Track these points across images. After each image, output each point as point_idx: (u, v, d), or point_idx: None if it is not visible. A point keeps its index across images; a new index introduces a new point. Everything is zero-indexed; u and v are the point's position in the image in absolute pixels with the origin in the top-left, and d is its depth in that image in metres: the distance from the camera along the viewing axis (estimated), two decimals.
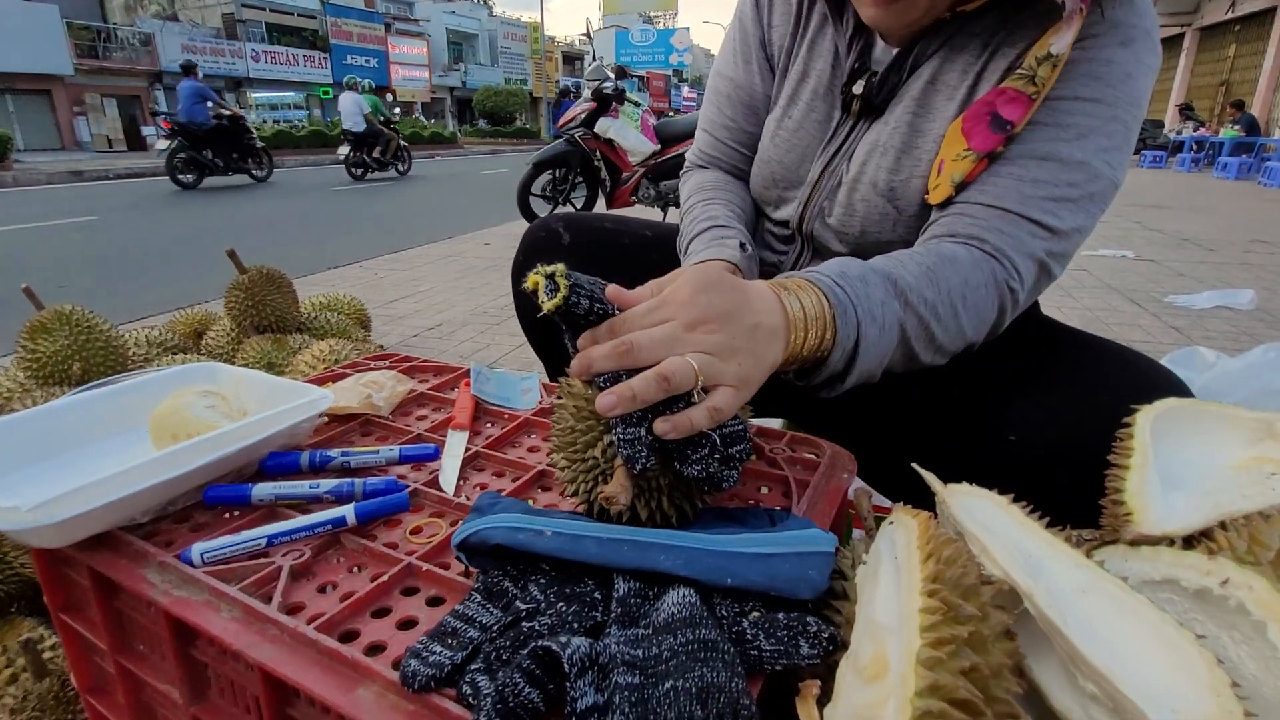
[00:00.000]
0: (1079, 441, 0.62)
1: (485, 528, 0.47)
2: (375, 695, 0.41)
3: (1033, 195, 0.65)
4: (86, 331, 1.61)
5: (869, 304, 0.59)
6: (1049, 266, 0.67)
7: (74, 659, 0.66)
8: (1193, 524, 0.44)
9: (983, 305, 0.65)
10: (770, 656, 0.40)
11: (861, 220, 0.78)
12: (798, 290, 0.58)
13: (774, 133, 0.87)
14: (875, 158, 0.77)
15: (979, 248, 0.66)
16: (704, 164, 0.98)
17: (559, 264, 0.52)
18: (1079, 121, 0.66)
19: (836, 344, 0.58)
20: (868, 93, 0.78)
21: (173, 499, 0.60)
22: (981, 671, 0.36)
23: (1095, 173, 0.66)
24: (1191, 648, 0.35)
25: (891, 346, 0.62)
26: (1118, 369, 0.67)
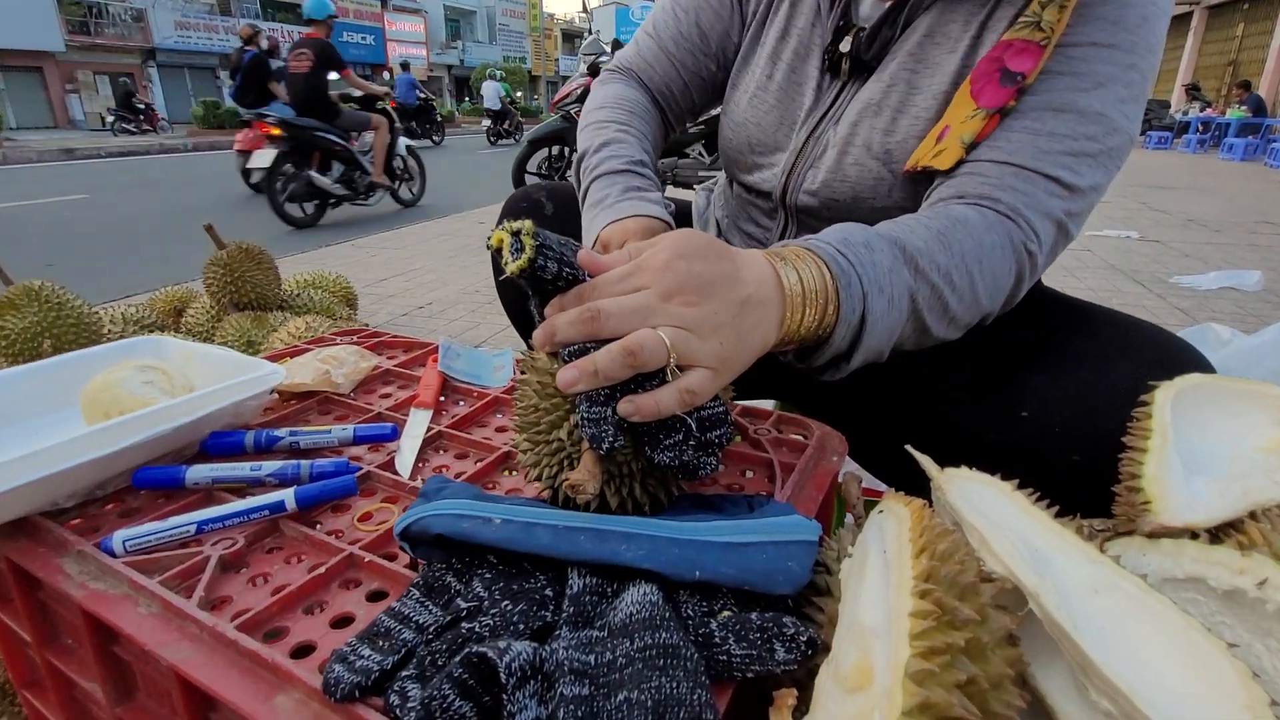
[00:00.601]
0: (1097, 419, 0.57)
1: (427, 515, 0.42)
2: (296, 704, 0.37)
3: (1049, 150, 0.60)
4: (57, 308, 1.56)
5: (875, 272, 0.52)
6: (1067, 227, 0.62)
7: (7, 651, 0.62)
8: (1220, 514, 0.39)
9: (999, 271, 0.59)
10: (741, 662, 0.36)
11: (854, 186, 0.72)
12: (795, 260, 0.51)
13: (753, 94, 0.80)
14: (868, 118, 0.71)
15: (992, 208, 0.60)
16: (633, 75, 0.89)
17: (526, 221, 0.46)
18: (1096, 69, 0.60)
19: (840, 320, 0.51)
20: (856, 50, 0.71)
21: (101, 482, 0.55)
22: (979, 684, 0.31)
23: (1114, 125, 0.60)
24: (1222, 658, 0.30)
25: (902, 320, 0.55)
26: (1139, 341, 0.62)
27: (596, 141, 0.80)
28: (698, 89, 0.88)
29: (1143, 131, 12.45)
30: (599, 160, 0.78)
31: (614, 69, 0.91)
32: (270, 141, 4.76)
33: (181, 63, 23.92)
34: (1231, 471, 0.42)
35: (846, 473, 0.55)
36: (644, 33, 0.89)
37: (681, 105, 0.90)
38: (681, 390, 0.43)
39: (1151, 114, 12.61)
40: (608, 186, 0.75)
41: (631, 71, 0.89)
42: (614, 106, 0.84)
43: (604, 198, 0.74)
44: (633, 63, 0.89)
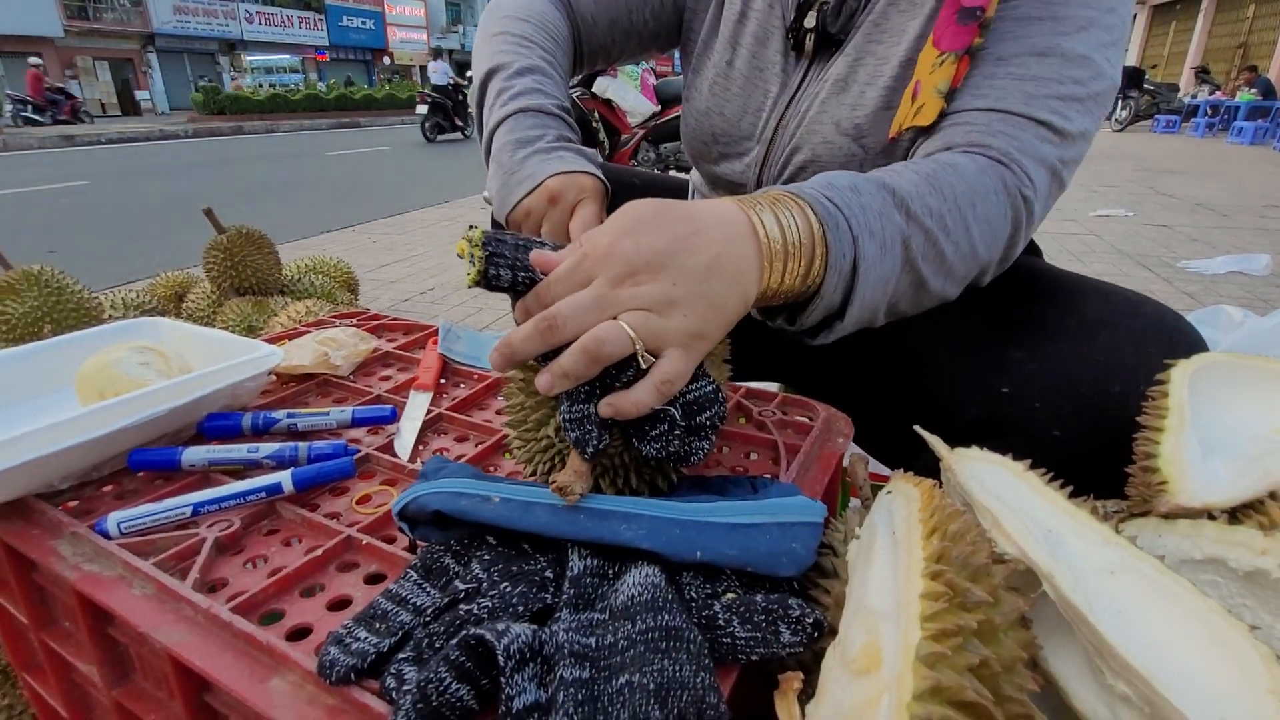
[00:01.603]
0: (1078, 392, 0.56)
1: (425, 493, 0.42)
2: (291, 686, 0.36)
3: (1037, 94, 0.57)
4: (57, 293, 1.55)
5: (865, 215, 0.48)
6: (1061, 175, 0.59)
7: (6, 634, 0.61)
8: (1239, 494, 0.38)
9: (995, 216, 0.56)
10: (745, 645, 0.35)
11: (825, 165, 0.69)
12: (774, 206, 0.47)
13: (713, 82, 0.77)
14: (836, 95, 0.68)
15: (982, 154, 0.56)
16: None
17: (477, 229, 0.44)
18: (1077, 13, 0.57)
19: (829, 267, 0.47)
20: (821, 24, 0.68)
21: (97, 463, 0.54)
22: (991, 667, 0.30)
23: (1099, 70, 0.58)
24: (1244, 641, 0.29)
25: (896, 270, 0.51)
26: (1122, 313, 0.60)
27: (522, 61, 0.70)
28: (623, 32, 0.82)
29: (1151, 115, 12.30)
30: (529, 85, 0.68)
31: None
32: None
33: (181, 48, 23.77)
34: (1251, 451, 0.41)
35: (853, 454, 0.55)
36: None
37: (600, 41, 0.82)
38: (656, 383, 0.40)
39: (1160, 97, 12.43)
40: (542, 127, 0.66)
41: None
42: (538, 25, 0.75)
43: (536, 138, 0.65)
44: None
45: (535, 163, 0.62)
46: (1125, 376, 0.54)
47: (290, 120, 15.92)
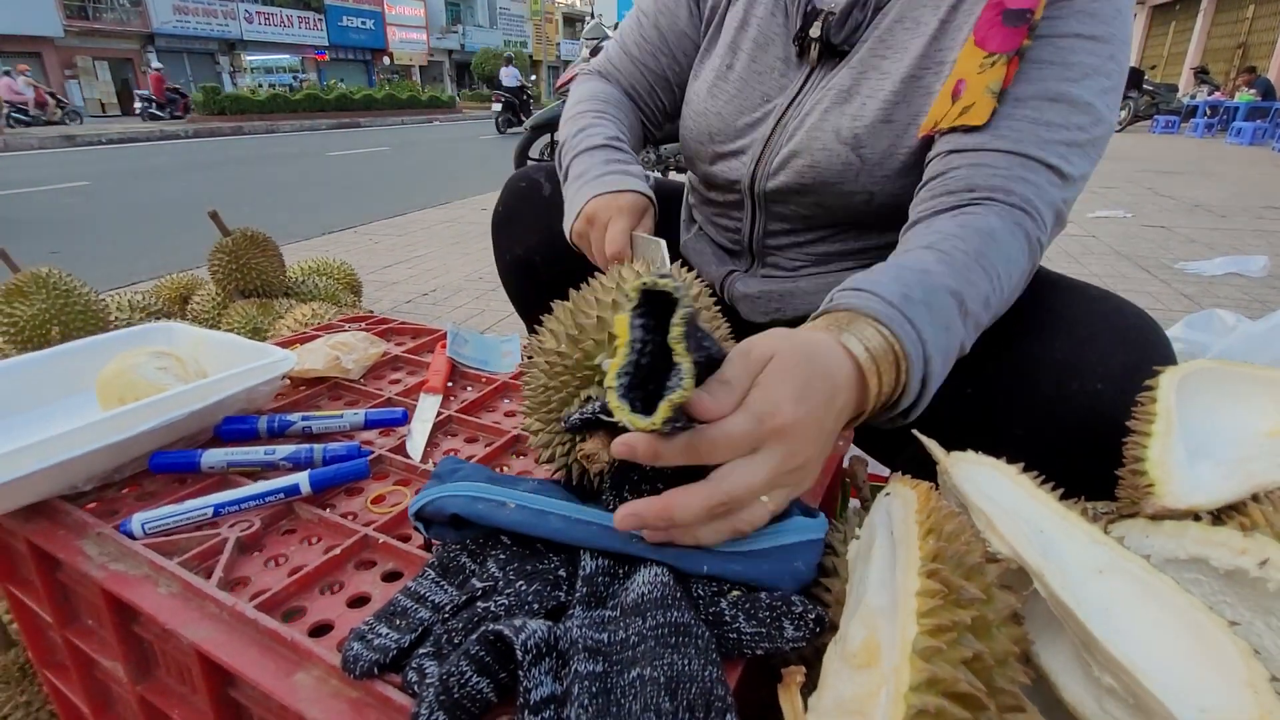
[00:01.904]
0: (1037, 391, 0.59)
1: (442, 496, 0.43)
2: (315, 680, 0.37)
3: (1050, 139, 0.60)
4: (65, 295, 1.56)
5: (936, 335, 0.50)
6: (1063, 215, 0.63)
7: (27, 633, 0.63)
8: (1223, 496, 0.39)
9: (1020, 274, 0.60)
10: (751, 640, 0.37)
11: (822, 172, 0.72)
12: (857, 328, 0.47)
13: (712, 84, 0.81)
14: (837, 105, 0.71)
15: (1006, 201, 0.60)
16: (606, 75, 0.93)
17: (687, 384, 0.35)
18: (1082, 60, 0.61)
19: (907, 388, 0.48)
20: (826, 34, 0.72)
21: (119, 466, 0.56)
22: (984, 661, 0.32)
23: (1099, 116, 0.61)
24: (1224, 636, 0.31)
25: (949, 365, 0.53)
26: (1083, 314, 0.62)
27: (575, 127, 0.82)
28: (663, 89, 0.90)
29: (1150, 116, 12.32)
30: (578, 140, 0.80)
31: (593, 70, 0.95)
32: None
33: (180, 48, 23.77)
34: (1236, 455, 0.42)
35: (853, 457, 0.56)
36: (614, 39, 0.94)
37: (652, 104, 0.92)
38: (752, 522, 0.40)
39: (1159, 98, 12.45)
40: (587, 162, 0.76)
41: (604, 73, 0.93)
42: (590, 99, 0.87)
43: (584, 171, 0.75)
44: (603, 66, 0.93)
45: (579, 193, 0.73)
46: (1083, 374, 0.57)
47: (290, 120, 15.93)
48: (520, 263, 0.96)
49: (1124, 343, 0.58)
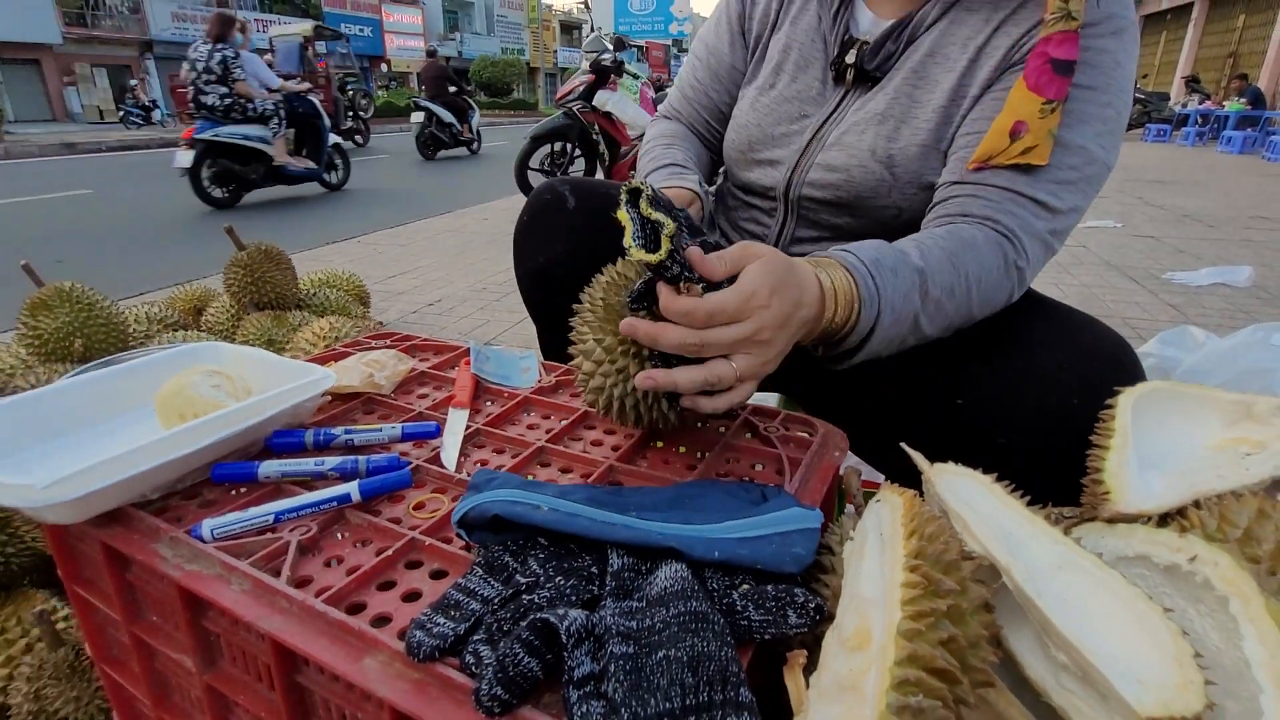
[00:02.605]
0: (1022, 404, 0.66)
1: (485, 501, 0.49)
2: (382, 664, 0.43)
3: (1039, 178, 0.68)
4: (88, 309, 1.62)
5: (893, 296, 0.63)
6: (1051, 244, 0.71)
7: (89, 630, 0.68)
8: (1167, 503, 0.45)
9: (994, 289, 0.69)
10: (759, 626, 0.42)
11: (858, 187, 0.81)
12: (830, 270, 0.62)
13: (754, 99, 0.90)
14: (874, 126, 0.79)
15: (993, 228, 0.69)
16: (670, 117, 1.06)
17: (670, 221, 0.53)
18: (1077, 108, 0.68)
19: (855, 329, 0.63)
20: (860, 62, 0.80)
21: (182, 476, 0.61)
22: (959, 642, 0.38)
23: (1092, 156, 0.69)
24: (1159, 620, 0.37)
25: (903, 333, 0.66)
26: (1064, 332, 0.70)
27: (644, 163, 0.97)
28: (721, 121, 1.01)
29: (1142, 124, 12.47)
30: (645, 167, 0.95)
31: (659, 114, 1.09)
32: None
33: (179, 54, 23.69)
34: (1182, 467, 0.48)
35: (848, 466, 0.62)
36: (676, 86, 1.07)
37: (713, 136, 1.03)
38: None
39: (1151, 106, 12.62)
40: (652, 179, 0.89)
41: (670, 113, 1.06)
42: (658, 138, 1.01)
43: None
44: (666, 109, 1.07)
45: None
46: (1061, 391, 0.64)
47: None
48: (541, 272, 1.01)
49: (1102, 363, 0.65)
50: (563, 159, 5.31)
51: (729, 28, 0.96)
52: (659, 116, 1.08)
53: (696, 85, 1.00)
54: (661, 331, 0.55)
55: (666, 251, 0.52)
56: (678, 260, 0.53)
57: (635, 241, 0.53)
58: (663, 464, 0.66)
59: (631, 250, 0.53)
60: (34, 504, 0.52)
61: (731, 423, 0.73)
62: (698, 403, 0.57)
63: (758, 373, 0.57)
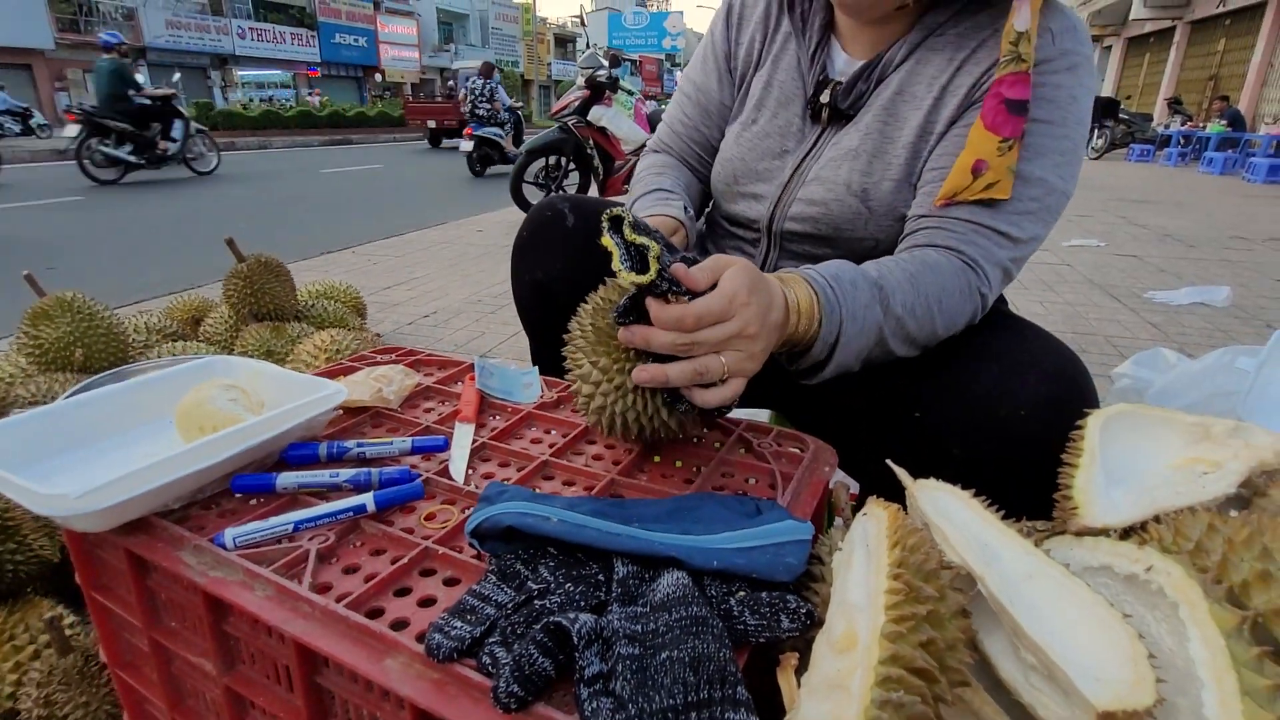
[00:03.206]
0: (972, 415, 0.70)
1: (497, 513, 0.52)
2: (402, 665, 0.46)
3: (1001, 210, 0.73)
4: (89, 319, 1.64)
5: (853, 306, 0.68)
6: (1011, 271, 0.76)
7: (105, 635, 0.70)
8: (1130, 517, 0.49)
9: (957, 310, 0.73)
10: (755, 630, 0.46)
11: (835, 219, 0.86)
12: (794, 284, 0.67)
13: (738, 134, 0.95)
14: (849, 161, 0.84)
15: (957, 256, 0.74)
16: (660, 150, 1.09)
17: (654, 243, 0.58)
18: (1036, 141, 0.73)
19: (819, 338, 0.67)
20: (834, 100, 0.85)
21: (203, 486, 0.64)
22: (938, 644, 0.41)
23: (1051, 187, 0.74)
24: (1118, 625, 0.40)
25: (869, 345, 0.70)
26: (1015, 346, 0.73)
27: (635, 192, 1.00)
28: (710, 153, 1.04)
29: (1126, 144, 12.71)
30: (635, 196, 0.97)
31: (649, 148, 1.12)
32: None
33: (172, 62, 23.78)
34: (1145, 484, 0.52)
35: (837, 482, 0.66)
36: (664, 121, 1.10)
37: (702, 168, 1.07)
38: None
39: (1135, 127, 12.87)
40: (638, 205, 0.93)
41: (662, 145, 1.09)
42: (649, 169, 1.04)
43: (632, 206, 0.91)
44: (656, 144, 1.10)
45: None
46: (1009, 402, 0.68)
47: (282, 136, 16.00)
48: (538, 286, 1.04)
49: (1048, 377, 0.69)
50: (558, 173, 5.36)
51: (716, 65, 1.00)
52: (649, 150, 1.11)
53: (686, 121, 1.04)
54: (655, 334, 0.60)
55: (655, 271, 0.57)
56: (665, 278, 0.58)
57: (624, 265, 0.58)
58: (662, 478, 0.69)
59: (621, 274, 0.58)
60: (66, 512, 0.55)
61: (727, 438, 0.76)
62: (693, 394, 0.61)
63: (745, 368, 0.61)
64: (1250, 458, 0.52)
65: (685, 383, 0.60)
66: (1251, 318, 2.96)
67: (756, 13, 0.96)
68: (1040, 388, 0.67)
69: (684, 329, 0.59)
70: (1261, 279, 3.66)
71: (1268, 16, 12.44)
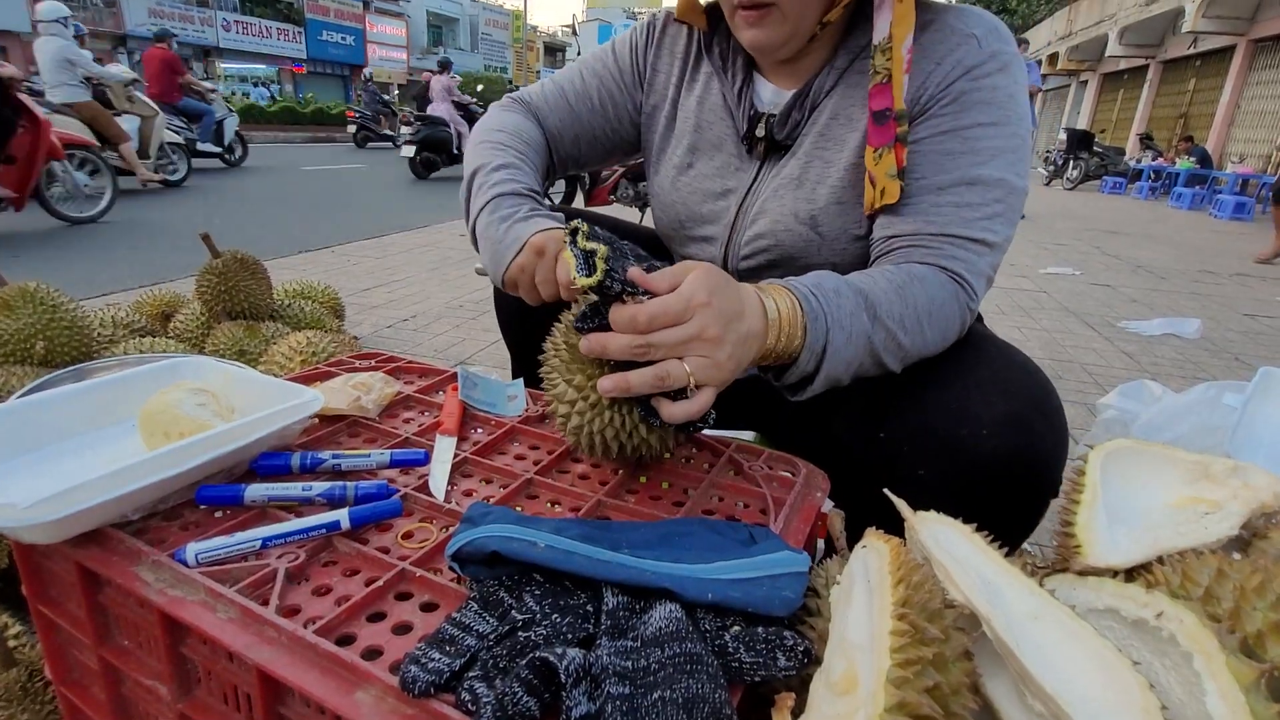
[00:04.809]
0: (936, 435, 0.69)
1: (481, 536, 0.49)
2: (374, 699, 0.43)
3: (972, 218, 0.73)
4: (51, 310, 1.57)
5: (839, 314, 0.65)
6: (992, 278, 0.76)
7: (50, 651, 0.66)
8: (1133, 558, 0.48)
9: (948, 322, 0.72)
10: (750, 668, 0.43)
11: (788, 249, 0.84)
12: (775, 294, 0.64)
13: (674, 179, 0.93)
14: (791, 190, 0.83)
15: (944, 273, 0.73)
16: (532, 112, 0.97)
17: (602, 246, 0.56)
18: (988, 145, 0.74)
19: (805, 347, 0.64)
20: (769, 133, 0.84)
21: (165, 497, 0.60)
22: (943, 690, 0.39)
23: (1011, 186, 0.74)
24: (1128, 673, 0.39)
25: (858, 354, 0.68)
26: (977, 364, 0.73)
27: (498, 159, 0.86)
28: (587, 142, 0.98)
29: (1099, 176, 13.04)
30: (504, 177, 0.84)
31: (518, 100, 0.99)
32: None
33: None
34: (1146, 523, 0.51)
35: (832, 510, 0.64)
36: (552, 80, 0.99)
37: (568, 151, 0.99)
38: (692, 411, 0.58)
39: (1108, 160, 13.21)
40: (517, 204, 0.81)
41: (532, 107, 0.97)
42: (513, 134, 0.91)
43: (514, 212, 0.79)
44: (534, 101, 0.97)
45: (518, 229, 0.77)
46: (971, 422, 0.67)
47: (264, 132, 15.77)
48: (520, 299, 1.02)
49: (1006, 393, 0.67)
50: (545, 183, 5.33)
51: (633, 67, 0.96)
52: (516, 102, 0.99)
53: (580, 99, 0.96)
54: (611, 339, 0.57)
55: (603, 272, 0.56)
56: (617, 279, 0.56)
57: (579, 272, 0.56)
58: (650, 500, 0.67)
59: (576, 280, 0.56)
60: (14, 523, 0.51)
61: (717, 460, 0.74)
62: (662, 407, 0.58)
63: (712, 376, 0.58)
64: (1250, 499, 0.51)
65: (648, 389, 0.57)
66: (1221, 350, 3.03)
67: (678, 46, 0.94)
68: (998, 406, 0.66)
69: (638, 330, 0.56)
70: (1229, 313, 3.76)
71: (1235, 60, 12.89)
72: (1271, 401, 0.81)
